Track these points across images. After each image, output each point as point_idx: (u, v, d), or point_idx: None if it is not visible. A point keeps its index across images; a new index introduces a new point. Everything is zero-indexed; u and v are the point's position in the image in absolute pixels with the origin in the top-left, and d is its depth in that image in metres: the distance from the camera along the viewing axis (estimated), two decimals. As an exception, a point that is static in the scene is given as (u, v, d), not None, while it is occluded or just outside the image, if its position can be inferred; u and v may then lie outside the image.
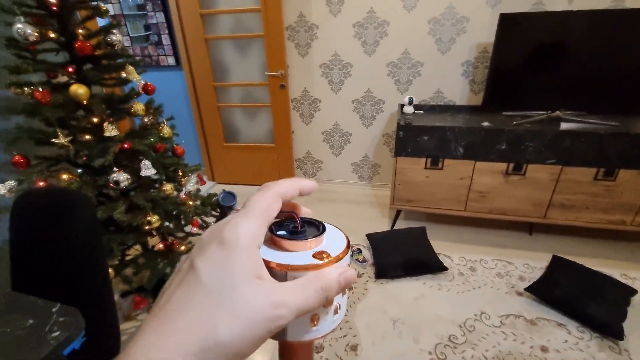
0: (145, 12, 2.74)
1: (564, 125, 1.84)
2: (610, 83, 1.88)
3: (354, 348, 1.45)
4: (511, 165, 1.92)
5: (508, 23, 1.88)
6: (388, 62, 2.35)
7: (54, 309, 0.67)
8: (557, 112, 1.93)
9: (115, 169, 1.27)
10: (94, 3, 1.32)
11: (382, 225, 2.31)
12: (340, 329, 1.54)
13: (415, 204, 2.17)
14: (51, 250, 0.84)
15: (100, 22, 1.59)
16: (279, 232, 0.25)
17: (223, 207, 0.28)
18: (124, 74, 1.36)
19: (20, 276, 0.87)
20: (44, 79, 1.30)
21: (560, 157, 1.83)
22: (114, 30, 1.33)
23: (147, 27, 2.79)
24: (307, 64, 2.49)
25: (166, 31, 2.73)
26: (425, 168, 2.04)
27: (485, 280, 1.81)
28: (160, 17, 2.70)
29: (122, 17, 2.80)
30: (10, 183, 1.23)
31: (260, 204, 0.22)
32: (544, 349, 1.43)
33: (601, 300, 1.56)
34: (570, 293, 1.61)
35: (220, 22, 2.52)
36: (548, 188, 1.93)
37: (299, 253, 0.24)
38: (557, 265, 1.78)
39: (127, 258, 1.56)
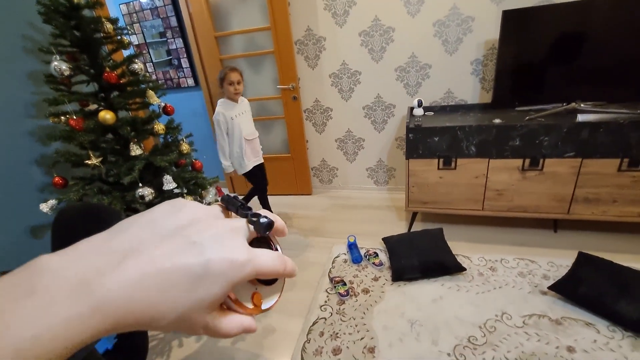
0: (165, 39, 2.95)
1: (581, 117, 1.79)
2: (630, 70, 1.81)
3: (371, 350, 1.47)
4: (527, 161, 1.88)
5: (511, 19, 1.88)
6: (396, 66, 2.39)
7: (86, 308, 0.76)
8: (573, 104, 1.88)
9: (140, 184, 1.39)
10: (118, 37, 1.48)
11: (399, 228, 2.32)
12: (358, 331, 1.56)
13: (431, 206, 2.16)
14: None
15: (126, 52, 1.76)
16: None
17: (229, 206, 0.29)
18: (146, 99, 1.50)
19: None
20: (77, 108, 1.45)
21: (579, 150, 1.78)
22: (136, 60, 1.48)
23: (169, 52, 3.00)
24: (317, 75, 2.57)
25: (185, 55, 2.92)
26: (439, 169, 2.03)
27: (507, 280, 1.77)
28: (179, 42, 2.90)
29: (146, 45, 3.04)
30: (52, 202, 1.38)
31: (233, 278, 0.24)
32: (570, 350, 1.38)
33: (632, 298, 1.48)
34: (598, 290, 1.54)
35: (233, 42, 2.67)
36: (569, 182, 1.87)
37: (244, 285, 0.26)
38: (583, 261, 1.71)
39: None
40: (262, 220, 0.26)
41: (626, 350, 1.35)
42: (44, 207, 1.39)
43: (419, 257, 1.88)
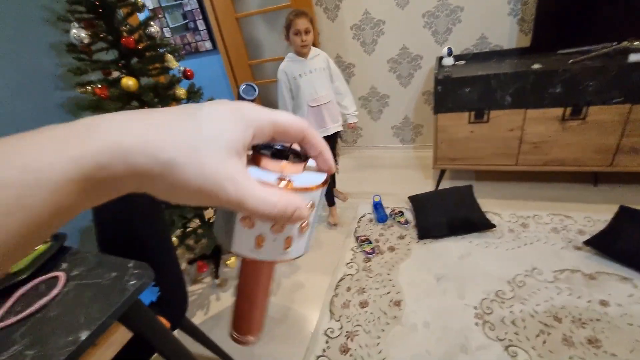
0: (180, 2, 2.86)
1: (633, 57, 1.59)
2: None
3: (398, 304, 1.52)
4: (568, 110, 1.73)
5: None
6: (423, 12, 2.19)
7: (129, 265, 0.82)
8: (625, 43, 1.66)
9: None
10: (132, 0, 1.44)
11: (426, 187, 2.27)
12: (384, 287, 1.61)
13: (460, 162, 2.09)
14: (123, 221, 1.01)
15: (141, 16, 1.72)
16: (262, 151, 0.24)
17: (243, 99, 0.26)
18: (165, 63, 1.48)
19: (103, 242, 1.07)
20: (101, 77, 1.47)
21: (629, 95, 1.61)
22: (152, 23, 1.45)
23: (184, 16, 2.93)
24: (338, 28, 2.43)
25: (200, 17, 2.83)
26: (469, 122, 1.93)
27: (539, 236, 1.72)
28: (193, 2, 2.81)
29: (161, 9, 2.97)
30: (89, 170, 1.46)
31: (264, 121, 0.22)
32: (603, 303, 1.35)
33: (678, 251, 1.40)
34: (638, 244, 1.47)
35: (248, -2, 2.54)
36: (614, 131, 1.71)
37: (267, 171, 0.23)
38: (625, 215, 1.61)
39: (188, 230, 1.77)
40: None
41: (666, 304, 1.31)
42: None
43: (446, 214, 1.86)
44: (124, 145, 0.17)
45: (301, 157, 0.25)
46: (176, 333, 1.16)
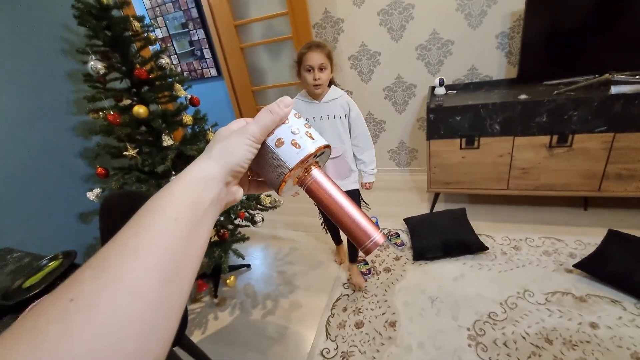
0: (188, 30, 3.04)
1: (615, 89, 1.69)
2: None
3: (393, 324, 1.54)
4: (555, 138, 1.82)
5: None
6: (416, 45, 2.34)
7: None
8: (607, 75, 1.78)
9: (173, 172, 1.51)
10: (145, 34, 1.56)
11: (421, 209, 2.33)
12: (380, 307, 1.64)
13: (454, 186, 2.16)
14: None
15: (152, 47, 1.85)
16: None
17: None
18: (173, 91, 1.59)
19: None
20: (113, 103, 1.57)
21: (612, 124, 1.70)
22: (162, 55, 1.56)
23: (191, 43, 3.10)
24: (336, 59, 2.55)
25: (207, 45, 3.00)
26: (461, 148, 2.01)
27: (531, 259, 1.76)
28: (200, 33, 2.98)
29: (170, 37, 3.14)
30: (97, 190, 1.53)
31: (268, 127, 0.36)
32: (593, 326, 1.38)
33: (664, 275, 1.44)
34: (627, 267, 1.51)
35: (253, 30, 2.70)
36: (600, 158, 1.79)
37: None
38: (613, 239, 1.66)
39: (190, 248, 1.81)
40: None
41: (654, 327, 1.34)
42: (91, 195, 1.54)
43: (441, 236, 1.91)
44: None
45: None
46: (174, 350, 1.19)
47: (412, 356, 1.39)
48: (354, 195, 1.64)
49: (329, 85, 1.45)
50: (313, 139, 0.36)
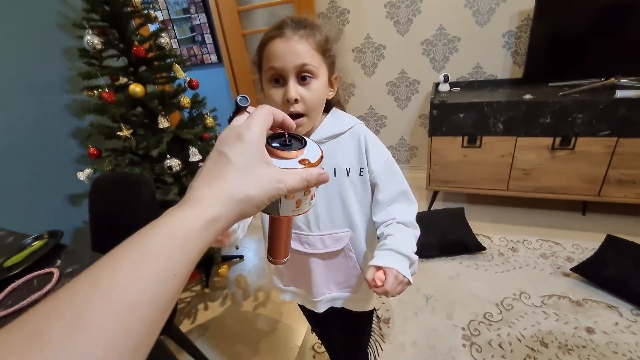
0: (189, 15, 2.96)
1: (620, 93, 1.67)
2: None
3: (386, 321, 1.52)
4: (558, 140, 1.80)
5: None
6: (422, 40, 2.30)
7: (123, 265, 0.83)
8: (612, 79, 1.76)
9: (168, 156, 1.46)
10: (145, 12, 1.50)
11: (419, 207, 2.30)
12: (374, 303, 1.61)
13: (453, 185, 2.13)
14: (120, 220, 1.02)
15: (152, 27, 1.79)
16: (273, 144, 0.34)
17: (239, 107, 0.34)
18: (172, 73, 1.53)
19: (97, 239, 1.07)
20: (109, 82, 1.51)
21: (616, 128, 1.68)
22: (162, 34, 1.51)
23: (192, 29, 3.03)
24: (340, 50, 2.50)
25: (208, 31, 2.93)
26: (462, 147, 1.99)
27: (528, 261, 1.74)
28: (202, 18, 2.91)
29: (170, 22, 3.07)
30: (88, 171, 1.48)
31: (262, 116, 0.31)
32: (589, 330, 1.37)
33: (661, 282, 1.43)
34: (624, 273, 1.50)
35: (256, 17, 2.64)
36: (602, 162, 1.78)
37: (288, 160, 0.33)
38: (611, 244, 1.65)
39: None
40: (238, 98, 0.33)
41: (650, 334, 1.33)
42: (81, 176, 1.48)
43: (438, 235, 1.88)
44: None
45: (299, 140, 0.36)
46: (162, 339, 1.15)
47: (405, 354, 1.36)
48: (364, 326, 0.99)
49: (326, 110, 0.72)
50: (313, 199, 0.38)
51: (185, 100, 1.53)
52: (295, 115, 0.62)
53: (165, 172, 1.45)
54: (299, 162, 0.33)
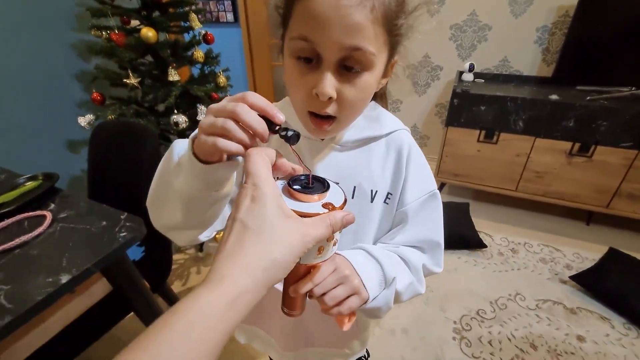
0: (209, -34, 2.78)
1: (650, 105, 1.61)
2: None
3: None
4: (577, 145, 1.74)
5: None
6: (452, 24, 2.18)
7: (122, 216, 0.79)
8: (645, 89, 1.68)
9: (175, 111, 1.38)
10: (164, -50, 1.39)
11: (423, 197, 2.26)
12: (368, 287, 1.59)
13: (462, 179, 2.09)
14: (121, 170, 0.97)
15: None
16: (295, 186, 0.32)
17: (287, 139, 0.32)
18: (187, 22, 1.43)
19: (95, 189, 1.02)
20: (119, 23, 1.42)
21: (638, 141, 1.62)
22: (181, -22, 1.40)
23: (210, -18, 2.85)
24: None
25: (227, -14, 2.76)
26: (478, 141, 1.92)
27: (527, 264, 1.73)
28: (222, -29, 2.74)
29: (188, -29, 2.89)
30: (89, 117, 1.41)
31: (260, 165, 0.29)
32: (580, 339, 1.36)
33: (659, 300, 1.42)
34: (622, 287, 1.48)
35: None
36: (617, 174, 1.73)
37: (311, 204, 0.31)
38: (613, 257, 1.63)
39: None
40: (289, 132, 0.32)
41: (638, 349, 1.33)
42: (82, 121, 1.41)
43: (440, 227, 1.85)
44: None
45: (320, 182, 0.34)
46: (154, 297, 1.13)
47: (395, 340, 1.36)
48: None
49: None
50: (335, 245, 0.36)
51: (199, 53, 1.44)
52: (322, 117, 0.42)
53: (171, 128, 1.38)
54: (322, 206, 0.31)
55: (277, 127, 0.31)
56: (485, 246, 1.80)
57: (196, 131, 0.35)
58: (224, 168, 0.35)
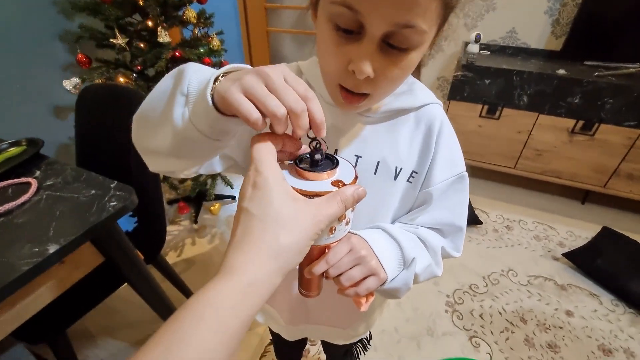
0: None
1: (660, 83, 1.56)
2: None
3: (374, 279, 1.52)
4: (580, 123, 1.71)
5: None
6: (459, -9, 2.06)
7: (112, 185, 0.75)
8: (656, 66, 1.63)
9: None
10: None
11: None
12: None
13: (460, 155, 2.06)
14: (110, 137, 0.92)
15: None
16: (301, 165, 0.31)
17: (312, 159, 0.31)
18: (178, -22, 1.32)
19: (83, 157, 0.97)
20: (103, -23, 1.30)
21: (644, 120, 1.59)
22: None
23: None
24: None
25: (221, -59, 2.56)
26: (480, 116, 1.88)
27: (520, 241, 1.74)
28: None
29: None
30: (75, 80, 1.33)
31: (264, 151, 0.28)
32: (569, 314, 1.40)
33: (648, 278, 1.45)
34: (613, 265, 1.51)
35: None
36: (618, 154, 1.72)
37: (320, 182, 0.30)
38: (607, 236, 1.65)
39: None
40: (316, 155, 0.31)
41: (624, 324, 1.37)
42: (68, 85, 1.33)
43: (437, 203, 1.85)
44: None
45: (329, 159, 0.33)
46: (147, 268, 1.11)
47: (389, 312, 1.38)
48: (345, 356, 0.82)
49: None
50: (348, 224, 0.34)
51: (191, 13, 1.34)
52: (354, 93, 0.37)
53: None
54: (332, 183, 0.30)
55: (314, 140, 0.31)
56: (481, 222, 1.80)
57: (221, 71, 0.30)
58: (237, 124, 0.30)
